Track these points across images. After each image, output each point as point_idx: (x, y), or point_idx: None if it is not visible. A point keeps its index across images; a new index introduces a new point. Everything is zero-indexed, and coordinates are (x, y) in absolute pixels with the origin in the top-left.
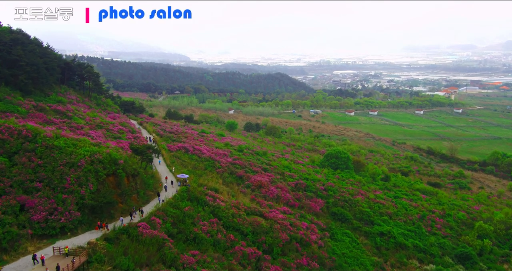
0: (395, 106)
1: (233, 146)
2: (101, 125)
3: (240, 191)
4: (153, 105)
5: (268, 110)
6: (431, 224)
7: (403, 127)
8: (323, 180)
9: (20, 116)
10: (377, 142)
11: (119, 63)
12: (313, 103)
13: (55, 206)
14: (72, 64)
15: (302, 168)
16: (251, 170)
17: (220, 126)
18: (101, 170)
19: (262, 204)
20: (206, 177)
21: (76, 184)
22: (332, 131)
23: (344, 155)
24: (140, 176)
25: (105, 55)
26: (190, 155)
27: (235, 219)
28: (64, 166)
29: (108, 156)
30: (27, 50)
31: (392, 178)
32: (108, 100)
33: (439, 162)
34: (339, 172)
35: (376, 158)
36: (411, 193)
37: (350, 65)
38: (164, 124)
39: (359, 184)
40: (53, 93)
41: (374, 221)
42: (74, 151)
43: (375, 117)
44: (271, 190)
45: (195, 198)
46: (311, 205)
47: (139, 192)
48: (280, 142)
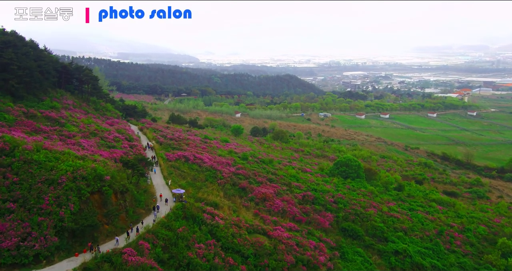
0: (407, 109)
1: (237, 153)
2: (95, 133)
3: (242, 204)
4: (158, 109)
5: (276, 113)
6: (449, 240)
7: (415, 131)
8: (333, 191)
9: (6, 124)
10: (389, 146)
11: (126, 65)
12: (323, 106)
13: (29, 230)
14: (69, 67)
15: (310, 177)
16: (255, 180)
17: (225, 131)
18: (84, 187)
19: (266, 220)
20: (206, 189)
21: (55, 204)
22: (342, 135)
23: (355, 162)
24: (130, 192)
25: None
26: (190, 164)
27: (235, 239)
28: (43, 184)
29: (92, 171)
30: (20, 53)
31: (406, 187)
32: (108, 105)
33: (454, 169)
34: (349, 181)
35: (388, 164)
36: (427, 204)
37: (360, 66)
38: (166, 130)
39: (371, 194)
40: (47, 98)
41: (388, 237)
42: (55, 165)
43: (387, 120)
44: (276, 203)
45: (191, 216)
46: (319, 220)
47: (128, 211)
48: (287, 147)
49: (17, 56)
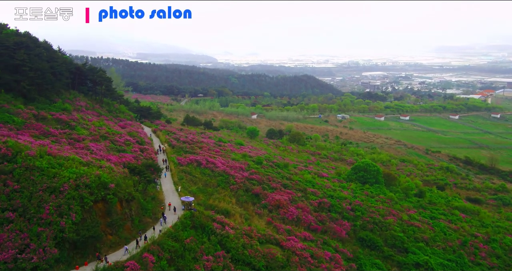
0: (428, 110)
1: (251, 157)
2: (105, 136)
3: (255, 212)
4: (173, 110)
5: (293, 115)
6: (474, 251)
7: (437, 134)
8: (350, 198)
9: (14, 127)
10: (409, 150)
11: (143, 65)
12: (341, 107)
13: (27, 241)
14: (83, 68)
15: (327, 182)
16: (269, 186)
17: (241, 133)
18: (87, 196)
19: (280, 229)
20: (218, 195)
21: (55, 213)
22: (361, 138)
23: (373, 167)
24: (137, 200)
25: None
26: (203, 169)
27: (246, 250)
28: (44, 192)
29: (96, 179)
30: (32, 54)
31: (427, 193)
32: (122, 106)
33: (477, 174)
34: (367, 187)
35: (408, 169)
36: (449, 212)
37: (379, 67)
38: (179, 132)
39: (391, 201)
40: (60, 100)
41: (409, 248)
42: (58, 172)
43: (407, 122)
44: (291, 210)
45: (200, 226)
46: (335, 229)
47: (133, 220)
48: (304, 150)
49: (29, 58)
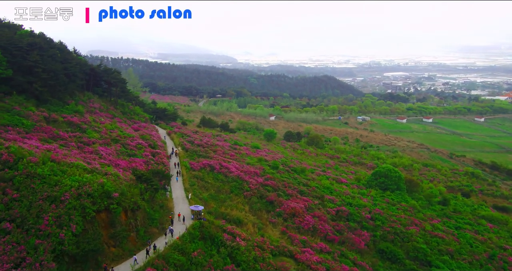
0: (452, 112)
1: (267, 161)
2: (117, 140)
3: (269, 220)
4: (190, 111)
5: (312, 116)
6: (503, 265)
7: (461, 137)
8: (370, 206)
9: (23, 130)
10: (432, 154)
11: (163, 66)
12: (361, 109)
13: (24, 254)
14: (97, 69)
15: (346, 189)
16: (285, 193)
17: (258, 135)
18: (89, 205)
19: (294, 240)
20: (231, 202)
21: (55, 224)
22: (382, 141)
23: (395, 173)
24: (143, 210)
25: (155, 56)
26: (216, 174)
27: (258, 264)
28: (44, 201)
29: (100, 187)
30: (46, 55)
31: (452, 201)
32: (137, 108)
33: (505, 179)
34: (388, 193)
35: (431, 174)
36: (476, 222)
37: (401, 67)
38: (194, 135)
39: (413, 210)
40: (73, 101)
41: (432, 261)
42: (60, 180)
43: (430, 125)
44: (307, 219)
45: (209, 237)
46: (354, 239)
47: (139, 231)
48: (322, 154)
49: (42, 59)
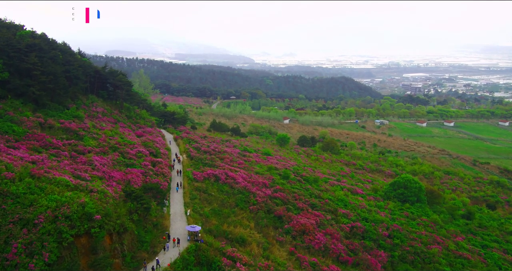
0: (475, 116)
1: (278, 169)
2: (116, 148)
3: (276, 238)
4: (202, 113)
5: (328, 119)
6: None
7: (485, 143)
8: (387, 221)
9: (13, 138)
10: (454, 160)
11: (177, 66)
12: (379, 111)
13: None
14: (102, 71)
15: (362, 201)
16: (295, 206)
17: (271, 139)
18: (66, 230)
19: (303, 262)
20: (235, 218)
21: (24, 253)
22: (400, 146)
23: (414, 184)
24: (131, 232)
25: (172, 57)
26: (221, 185)
27: None
28: (15, 224)
29: (80, 208)
30: (46, 57)
31: (477, 214)
32: (143, 112)
33: None
34: (408, 206)
35: (453, 183)
36: (504, 239)
37: (421, 68)
38: (202, 140)
39: (435, 225)
40: (74, 105)
41: None
42: (35, 199)
43: (451, 129)
44: (318, 238)
45: (206, 262)
46: (370, 261)
47: (125, 256)
48: (338, 160)
49: (41, 61)
